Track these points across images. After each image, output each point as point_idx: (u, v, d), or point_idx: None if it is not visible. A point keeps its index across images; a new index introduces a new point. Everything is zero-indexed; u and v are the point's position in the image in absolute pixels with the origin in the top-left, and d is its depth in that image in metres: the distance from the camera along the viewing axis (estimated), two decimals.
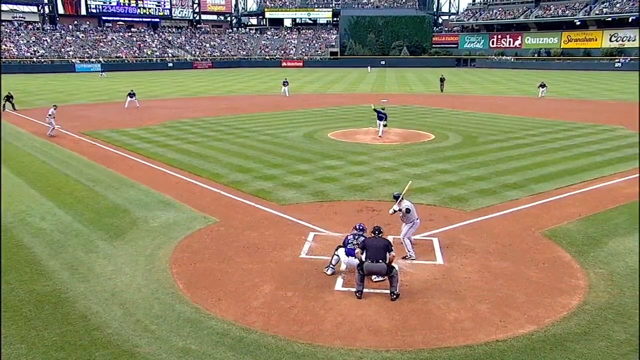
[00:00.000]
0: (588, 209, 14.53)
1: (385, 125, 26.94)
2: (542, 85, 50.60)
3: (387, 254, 9.52)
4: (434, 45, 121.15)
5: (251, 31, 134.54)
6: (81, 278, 10.31)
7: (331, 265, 10.42)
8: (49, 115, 27.30)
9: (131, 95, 40.23)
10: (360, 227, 10.58)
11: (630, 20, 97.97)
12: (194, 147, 23.88)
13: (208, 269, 10.72)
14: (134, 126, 30.19)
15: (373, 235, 9.88)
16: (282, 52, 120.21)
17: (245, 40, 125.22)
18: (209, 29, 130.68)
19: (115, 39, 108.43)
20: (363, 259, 9.61)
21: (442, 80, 56.72)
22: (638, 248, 11.64)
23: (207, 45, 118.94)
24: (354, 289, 9.67)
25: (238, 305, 9.25)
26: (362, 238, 10.21)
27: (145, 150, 22.99)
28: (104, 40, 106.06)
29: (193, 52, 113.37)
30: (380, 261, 9.46)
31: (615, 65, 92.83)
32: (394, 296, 9.45)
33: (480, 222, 13.56)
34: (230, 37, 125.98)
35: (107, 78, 75.11)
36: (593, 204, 15.02)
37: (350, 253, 10.19)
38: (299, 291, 9.73)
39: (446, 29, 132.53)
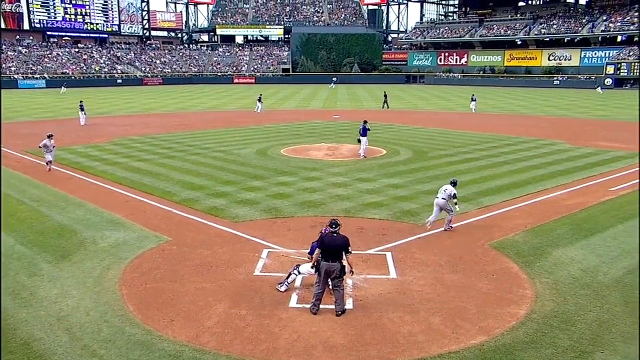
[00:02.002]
0: (533, 220, 15.05)
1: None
2: (473, 99, 53.02)
3: (345, 254, 9.32)
4: (384, 62, 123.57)
5: (202, 47, 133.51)
6: (23, 303, 9.84)
7: (286, 282, 10.34)
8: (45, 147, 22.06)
9: (82, 108, 39.06)
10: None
11: (565, 40, 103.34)
12: (144, 164, 23.36)
13: (160, 289, 10.45)
14: (81, 144, 29.29)
15: (330, 230, 9.48)
16: (234, 68, 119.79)
17: (197, 57, 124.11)
18: (159, 45, 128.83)
19: (61, 54, 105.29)
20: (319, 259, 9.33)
21: (385, 96, 56.54)
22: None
23: (158, 61, 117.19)
24: (308, 305, 9.63)
25: (191, 325, 9.05)
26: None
27: (94, 169, 22.33)
28: (49, 55, 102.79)
29: (143, 69, 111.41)
30: (337, 261, 9.30)
31: (554, 83, 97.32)
32: (339, 312, 9.32)
33: (432, 235, 13.81)
34: (181, 54, 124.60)
35: (57, 94, 72.70)
36: (538, 215, 15.57)
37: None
38: (253, 309, 9.61)
39: (395, 46, 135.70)
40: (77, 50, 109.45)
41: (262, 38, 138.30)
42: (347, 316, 9.38)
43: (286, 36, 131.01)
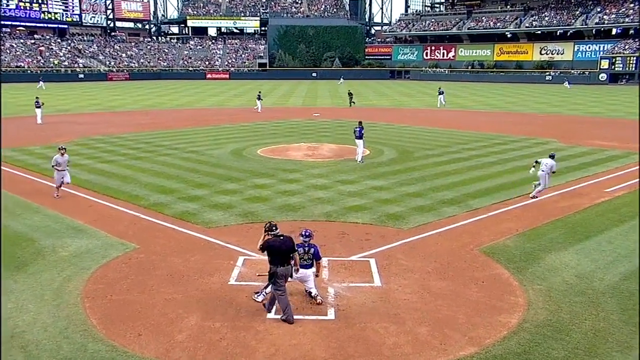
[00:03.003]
0: (524, 224, 15.24)
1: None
2: (440, 92, 54.51)
3: (292, 255, 9.74)
4: (367, 57, 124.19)
5: (172, 40, 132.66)
6: None
7: (263, 292, 10.30)
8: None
9: (37, 105, 38.27)
10: (307, 234, 10.32)
11: (558, 33, 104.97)
12: (109, 166, 23.10)
13: (126, 301, 10.33)
14: (39, 144, 28.84)
15: (273, 234, 9.79)
16: (207, 63, 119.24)
17: (166, 50, 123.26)
18: (125, 38, 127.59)
19: (15, 46, 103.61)
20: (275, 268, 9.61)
21: (350, 94, 55.36)
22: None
23: (123, 55, 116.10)
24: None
25: (160, 340, 8.95)
26: (313, 249, 10.21)
27: (53, 171, 21.93)
28: (2, 47, 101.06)
29: (107, 63, 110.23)
30: (287, 264, 9.67)
31: (546, 78, 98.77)
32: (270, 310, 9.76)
33: (418, 240, 13.89)
34: (149, 47, 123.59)
35: (16, 90, 71.47)
36: (529, 219, 15.77)
37: (303, 266, 10.15)
38: (228, 321, 9.55)
39: (379, 40, 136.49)
40: (33, 41, 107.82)
41: (236, 30, 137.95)
42: (329, 327, 9.38)
43: (262, 28, 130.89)
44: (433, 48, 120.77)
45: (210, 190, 18.81)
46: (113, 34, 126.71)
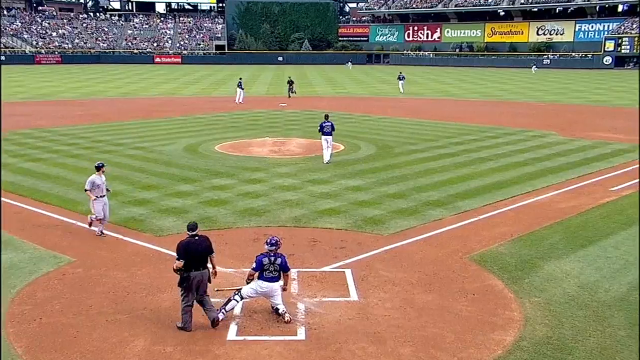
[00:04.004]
0: (520, 228, 15.46)
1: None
2: (401, 78, 56.98)
3: (209, 256, 10.07)
4: (340, 39, 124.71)
5: (113, 17, 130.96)
6: None
7: (223, 310, 10.24)
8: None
9: None
10: (274, 242, 10.35)
11: (557, 11, 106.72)
12: (39, 165, 22.70)
13: (59, 324, 10.14)
14: None
15: (189, 235, 10.02)
16: (155, 44, 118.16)
17: (106, 29, 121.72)
18: (55, 13, 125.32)
19: None
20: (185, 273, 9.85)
21: (290, 83, 52.23)
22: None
23: (54, 34, 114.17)
24: (250, 337, 9.57)
25: None
26: (280, 259, 10.27)
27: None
28: None
29: (34, 43, 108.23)
30: (203, 267, 9.95)
31: (544, 62, 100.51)
32: (216, 320, 9.91)
33: (400, 247, 13.97)
34: (84, 25, 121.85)
35: None
36: (525, 222, 16.00)
37: (268, 279, 10.17)
38: (182, 345, 9.47)
39: (354, 19, 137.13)
40: None
41: (189, 7, 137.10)
42: (299, 349, 9.36)
43: (220, 5, 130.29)
44: (416, 28, 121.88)
45: (160, 193, 18.63)
46: (41, 8, 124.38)
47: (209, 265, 10.25)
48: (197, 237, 10.03)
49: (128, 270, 12.51)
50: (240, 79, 50.54)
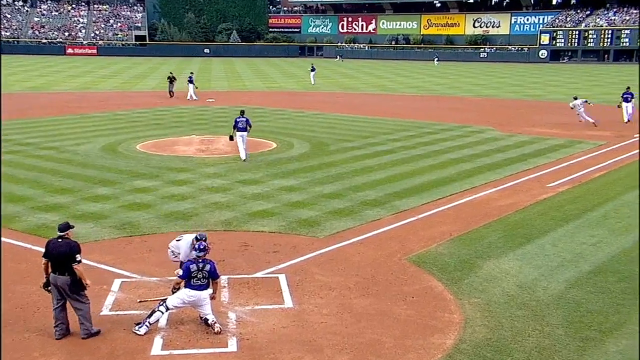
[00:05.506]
0: (459, 227, 15.85)
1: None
2: (312, 70, 60.41)
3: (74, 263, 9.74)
4: (271, 30, 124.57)
5: (16, 3, 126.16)
6: None
7: (147, 322, 10.07)
8: None
9: None
10: (201, 247, 10.23)
11: (493, 3, 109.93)
12: None
13: None
14: None
15: (59, 236, 9.89)
16: (67, 34, 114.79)
17: (8, 16, 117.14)
18: None
19: None
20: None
21: (170, 80, 48.41)
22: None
23: None
24: (177, 351, 9.44)
25: None
26: (209, 265, 10.14)
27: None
28: None
29: None
30: (66, 273, 9.75)
31: (481, 56, 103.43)
32: (84, 336, 9.79)
33: (337, 250, 14.08)
34: None
35: None
36: (464, 220, 16.42)
37: (196, 288, 10.04)
38: None
39: (285, 9, 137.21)
40: None
41: None
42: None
43: None
44: (350, 19, 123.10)
45: (75, 197, 18.17)
46: None
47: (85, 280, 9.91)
48: (60, 240, 9.82)
49: (38, 283, 12.07)
50: (192, 73, 50.00)
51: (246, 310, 10.97)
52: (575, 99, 34.32)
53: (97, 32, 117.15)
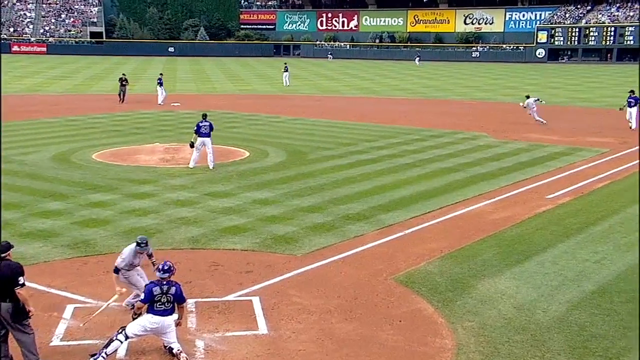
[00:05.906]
0: (451, 243, 15.88)
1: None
2: (286, 70, 61.93)
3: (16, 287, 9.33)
4: (242, 26, 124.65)
5: None
6: None
7: (103, 353, 9.96)
8: None
9: None
10: (165, 268, 10.07)
11: None
12: None
13: None
14: None
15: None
16: (12, 29, 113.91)
17: None
18: None
19: None
20: None
21: (122, 82, 47.25)
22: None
23: None
24: None
25: None
26: (174, 288, 10.02)
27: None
28: None
29: None
30: (8, 300, 9.31)
31: (473, 55, 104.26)
32: None
33: (316, 269, 14.04)
34: None
35: None
36: (456, 236, 16.46)
37: (160, 313, 9.93)
38: None
39: (258, 3, 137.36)
40: None
41: None
42: None
43: None
44: (330, 15, 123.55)
45: (22, 213, 17.98)
46: None
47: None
48: (0, 262, 9.40)
49: None
50: (161, 74, 49.76)
51: (216, 337, 10.89)
52: (528, 97, 36.34)
53: (47, 28, 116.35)
